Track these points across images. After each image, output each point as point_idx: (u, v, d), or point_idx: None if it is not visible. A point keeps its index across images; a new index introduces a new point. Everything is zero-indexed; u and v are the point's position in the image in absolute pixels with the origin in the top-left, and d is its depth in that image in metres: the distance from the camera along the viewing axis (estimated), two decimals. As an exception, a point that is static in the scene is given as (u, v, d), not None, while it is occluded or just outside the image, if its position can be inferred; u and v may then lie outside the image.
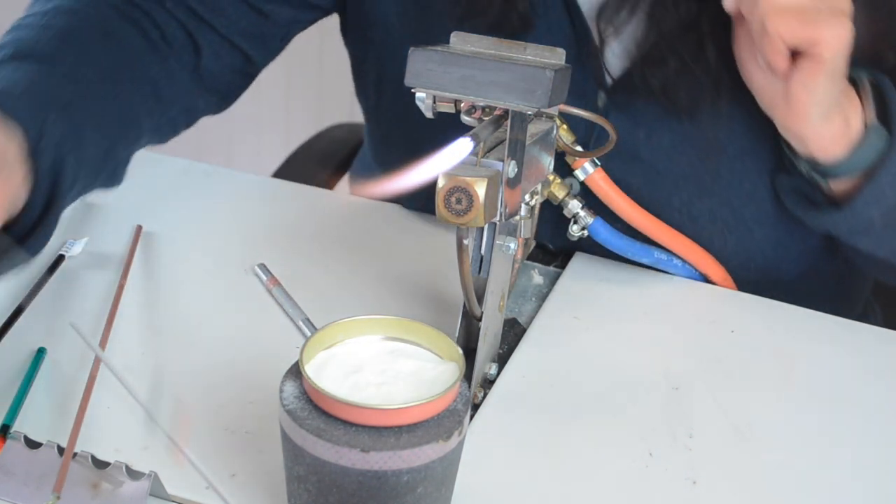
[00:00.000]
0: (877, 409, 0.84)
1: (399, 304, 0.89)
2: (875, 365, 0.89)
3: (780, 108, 0.87)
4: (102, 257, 0.92)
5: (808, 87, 0.83)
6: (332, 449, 0.61)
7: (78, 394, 0.75)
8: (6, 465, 0.68)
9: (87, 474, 0.67)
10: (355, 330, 0.68)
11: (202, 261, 0.93)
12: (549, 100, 0.70)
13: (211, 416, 0.76)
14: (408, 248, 0.98)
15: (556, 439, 0.77)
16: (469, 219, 0.69)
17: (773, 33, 0.80)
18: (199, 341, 0.84)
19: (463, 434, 0.64)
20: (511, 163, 0.71)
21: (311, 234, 0.98)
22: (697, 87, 0.91)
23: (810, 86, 0.83)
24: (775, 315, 0.94)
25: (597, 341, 0.88)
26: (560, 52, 0.78)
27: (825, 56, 0.81)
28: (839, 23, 0.81)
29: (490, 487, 0.72)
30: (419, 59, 0.72)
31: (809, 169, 0.91)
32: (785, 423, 0.81)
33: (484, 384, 0.81)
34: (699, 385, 0.84)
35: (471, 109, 0.79)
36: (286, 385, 0.64)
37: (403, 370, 0.66)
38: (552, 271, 0.98)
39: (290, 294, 0.88)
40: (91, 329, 0.83)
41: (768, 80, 0.87)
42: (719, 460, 0.77)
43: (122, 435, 0.73)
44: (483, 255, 0.77)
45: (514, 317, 0.91)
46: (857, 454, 0.79)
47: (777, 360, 0.88)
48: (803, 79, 0.83)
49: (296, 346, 0.81)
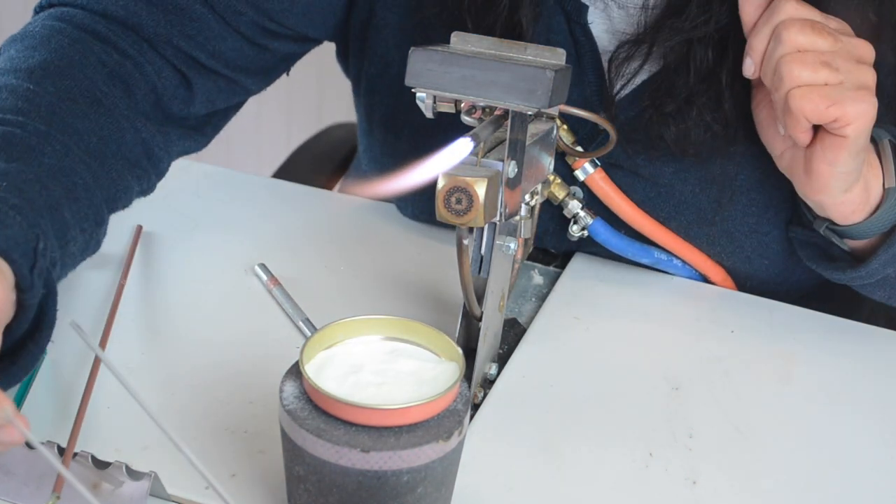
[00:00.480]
0: (877, 409, 0.84)
1: (399, 304, 0.89)
2: (875, 365, 0.89)
3: (799, 177, 0.85)
4: (102, 257, 0.92)
5: (830, 162, 0.81)
6: (332, 449, 0.61)
7: (78, 394, 0.75)
8: (6, 465, 0.68)
9: (87, 474, 0.67)
10: (355, 330, 0.68)
11: (202, 261, 0.93)
12: (549, 100, 0.70)
13: (211, 416, 0.76)
14: (408, 248, 0.98)
15: (556, 439, 0.77)
16: (469, 219, 0.69)
17: (796, 112, 0.79)
18: (199, 341, 0.84)
19: (463, 434, 0.64)
20: (511, 163, 0.71)
21: (311, 234, 0.98)
22: (711, 139, 0.89)
23: (833, 161, 0.81)
24: (775, 315, 0.94)
25: (597, 341, 0.88)
26: (560, 53, 0.78)
27: (849, 134, 0.79)
28: (864, 99, 0.78)
29: (490, 487, 0.72)
30: (419, 59, 0.72)
31: (826, 228, 0.89)
32: (785, 423, 0.81)
33: (484, 384, 0.81)
34: (699, 385, 0.84)
35: (471, 109, 0.79)
36: (286, 385, 0.64)
37: (403, 370, 0.66)
38: (552, 271, 0.98)
39: (290, 294, 0.88)
40: (91, 329, 0.83)
41: (788, 148, 0.85)
42: (719, 460, 0.77)
43: (122, 435, 0.73)
44: (483, 255, 0.77)
45: (514, 317, 0.91)
46: (857, 454, 0.79)
47: (777, 360, 0.88)
48: (826, 154, 0.81)
49: (296, 346, 0.82)
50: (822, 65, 0.79)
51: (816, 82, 0.79)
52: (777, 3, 0.81)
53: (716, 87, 0.87)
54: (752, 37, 0.82)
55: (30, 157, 0.78)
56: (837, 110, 0.78)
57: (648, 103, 0.90)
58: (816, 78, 0.78)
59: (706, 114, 0.88)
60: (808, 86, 0.78)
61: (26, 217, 0.71)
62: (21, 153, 0.77)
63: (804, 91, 0.78)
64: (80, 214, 0.79)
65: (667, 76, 0.89)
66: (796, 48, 0.79)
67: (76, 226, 0.78)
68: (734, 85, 0.87)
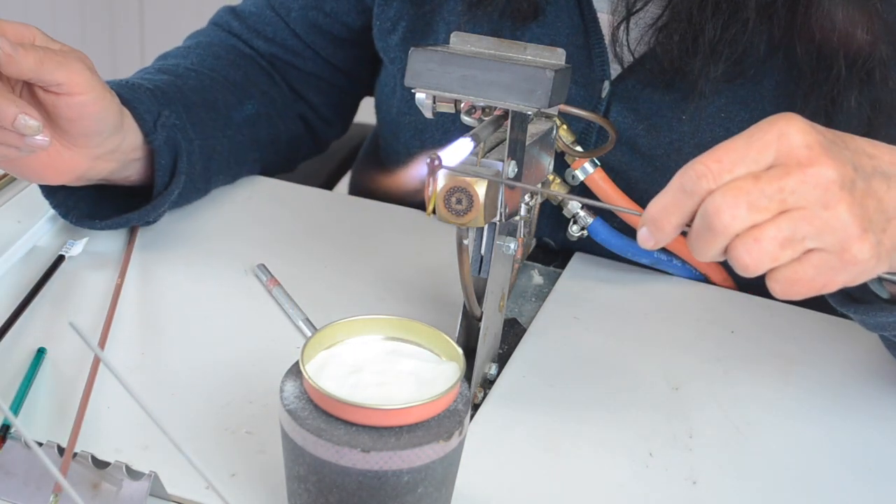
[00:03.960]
0: (877, 409, 0.84)
1: (399, 304, 0.89)
2: (875, 365, 0.89)
3: None
4: (102, 257, 0.92)
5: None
6: (333, 449, 0.61)
7: (78, 394, 0.75)
8: (6, 465, 0.68)
9: (87, 474, 0.67)
10: (355, 330, 0.68)
11: (202, 261, 0.93)
12: (549, 100, 0.70)
13: (211, 416, 0.76)
14: (408, 248, 0.98)
15: (556, 439, 0.77)
16: (469, 219, 0.69)
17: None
18: (199, 341, 0.84)
19: (463, 434, 0.64)
20: (511, 163, 0.71)
21: (311, 234, 0.98)
22: (710, 65, 0.89)
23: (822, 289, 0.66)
24: (775, 315, 0.94)
25: (597, 341, 0.88)
26: (560, 53, 0.78)
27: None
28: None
29: (490, 487, 0.72)
30: (419, 59, 0.72)
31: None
32: (785, 422, 0.81)
33: (484, 384, 0.81)
34: (699, 385, 0.84)
35: (471, 109, 0.79)
36: (286, 385, 0.64)
37: (403, 370, 0.66)
38: (552, 271, 0.98)
39: (290, 294, 0.88)
40: (91, 329, 0.83)
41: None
42: (719, 460, 0.77)
43: (122, 435, 0.73)
44: (483, 255, 0.77)
45: (514, 317, 0.91)
46: (857, 454, 0.79)
47: (777, 360, 0.88)
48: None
49: (296, 346, 0.82)
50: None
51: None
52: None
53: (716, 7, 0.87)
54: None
55: (177, 83, 0.98)
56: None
57: (649, 29, 0.90)
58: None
59: (710, 35, 0.87)
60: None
61: (157, 97, 0.92)
62: (173, 75, 0.99)
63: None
64: (218, 121, 0.99)
65: (668, 6, 0.89)
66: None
67: (214, 126, 0.98)
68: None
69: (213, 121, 0.99)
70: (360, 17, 1.07)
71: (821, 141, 0.63)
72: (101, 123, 0.84)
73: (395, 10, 1.01)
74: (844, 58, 0.87)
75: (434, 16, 0.99)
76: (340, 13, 1.07)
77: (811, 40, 0.87)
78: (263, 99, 1.07)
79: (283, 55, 1.09)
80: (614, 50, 0.93)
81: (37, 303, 0.85)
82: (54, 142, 0.84)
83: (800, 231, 0.62)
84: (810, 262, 0.63)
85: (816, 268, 0.63)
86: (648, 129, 0.94)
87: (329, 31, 1.08)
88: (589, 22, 0.94)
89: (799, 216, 0.62)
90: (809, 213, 0.62)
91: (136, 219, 0.91)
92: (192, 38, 1.11)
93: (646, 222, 0.64)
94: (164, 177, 0.91)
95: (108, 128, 0.85)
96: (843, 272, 0.63)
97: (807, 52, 0.88)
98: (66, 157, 0.85)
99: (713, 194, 0.62)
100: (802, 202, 0.62)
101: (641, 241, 0.65)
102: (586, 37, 0.94)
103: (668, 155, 0.95)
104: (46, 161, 0.84)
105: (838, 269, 0.63)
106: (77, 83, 0.80)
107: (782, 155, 0.62)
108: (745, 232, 0.62)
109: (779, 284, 0.63)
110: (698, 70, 0.89)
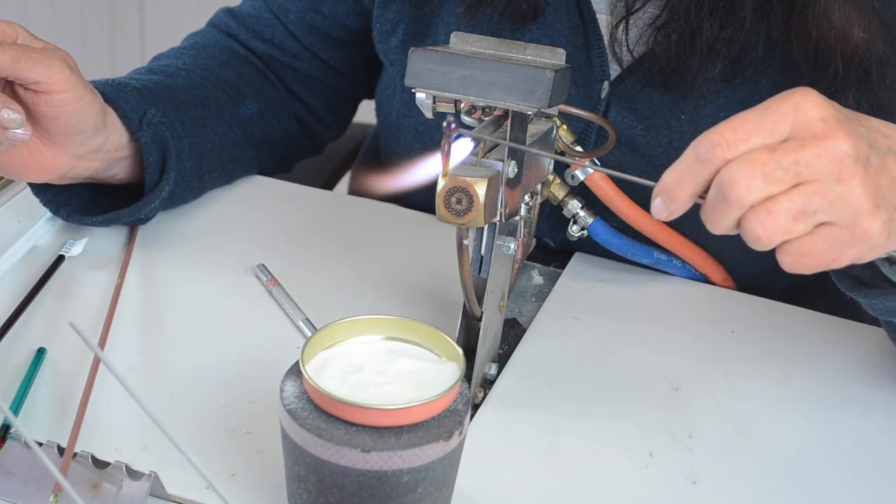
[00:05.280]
0: (877, 409, 0.84)
1: (399, 304, 0.89)
2: (875, 365, 0.89)
3: None
4: (102, 257, 0.92)
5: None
6: (333, 449, 0.61)
7: (78, 394, 0.75)
8: (6, 465, 0.68)
9: (87, 474, 0.67)
10: (355, 330, 0.68)
11: (202, 261, 0.93)
12: (549, 100, 0.70)
13: (211, 416, 0.76)
14: (408, 248, 0.98)
15: (556, 439, 0.77)
16: (469, 219, 0.69)
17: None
18: (199, 341, 0.84)
19: (463, 434, 0.64)
20: (511, 163, 0.71)
21: (311, 234, 0.98)
22: (708, 64, 0.88)
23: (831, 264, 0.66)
24: (775, 315, 0.94)
25: (597, 341, 0.88)
26: (560, 53, 0.78)
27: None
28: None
29: (490, 487, 0.72)
30: (419, 59, 0.72)
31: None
32: (785, 423, 0.81)
33: (484, 384, 0.81)
34: (699, 385, 0.84)
35: (471, 109, 0.79)
36: (286, 385, 0.64)
37: (403, 370, 0.66)
38: (552, 271, 0.98)
39: (290, 294, 0.88)
40: (91, 329, 0.83)
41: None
42: (719, 460, 0.77)
43: (122, 435, 0.73)
44: (483, 255, 0.77)
45: (514, 317, 0.91)
46: (857, 454, 0.79)
47: (777, 360, 0.88)
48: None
49: (296, 346, 0.82)
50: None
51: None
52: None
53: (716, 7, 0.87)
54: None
55: (166, 82, 0.98)
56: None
57: (648, 30, 0.90)
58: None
59: (709, 34, 0.87)
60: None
61: (144, 96, 0.92)
62: (160, 79, 0.99)
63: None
64: (209, 119, 0.99)
65: (667, 6, 0.89)
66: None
67: (204, 124, 0.98)
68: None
69: (203, 118, 0.99)
70: (359, 19, 1.06)
71: (836, 115, 0.63)
72: (81, 122, 0.84)
73: (394, 13, 1.01)
74: (842, 56, 0.87)
75: (434, 17, 0.99)
76: (339, 15, 1.07)
77: (808, 39, 0.87)
78: (257, 98, 1.07)
79: (280, 56, 1.09)
80: (613, 50, 0.93)
81: (37, 303, 0.85)
82: (36, 140, 0.84)
83: (812, 204, 0.62)
84: (821, 235, 0.63)
85: (827, 241, 0.63)
86: (647, 128, 0.94)
87: (327, 33, 1.08)
88: (588, 22, 0.94)
89: (812, 189, 0.62)
90: (823, 186, 0.62)
91: (126, 215, 0.91)
92: (188, 39, 1.12)
93: (659, 192, 0.65)
94: (154, 174, 0.92)
95: (89, 127, 0.85)
96: (853, 247, 0.63)
97: (804, 51, 0.88)
98: (48, 156, 0.85)
99: (729, 165, 0.62)
100: (816, 175, 0.62)
101: (655, 211, 0.65)
102: (586, 37, 0.94)
103: (667, 154, 0.95)
104: (28, 158, 0.85)
105: (848, 244, 0.63)
106: (56, 81, 0.81)
107: (798, 127, 0.63)
108: (758, 204, 0.62)
109: (789, 257, 0.63)
110: (696, 69, 0.89)
